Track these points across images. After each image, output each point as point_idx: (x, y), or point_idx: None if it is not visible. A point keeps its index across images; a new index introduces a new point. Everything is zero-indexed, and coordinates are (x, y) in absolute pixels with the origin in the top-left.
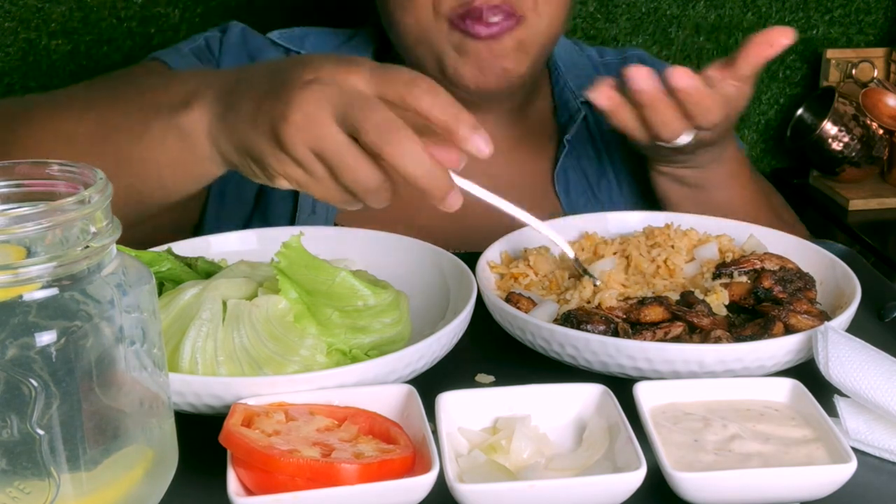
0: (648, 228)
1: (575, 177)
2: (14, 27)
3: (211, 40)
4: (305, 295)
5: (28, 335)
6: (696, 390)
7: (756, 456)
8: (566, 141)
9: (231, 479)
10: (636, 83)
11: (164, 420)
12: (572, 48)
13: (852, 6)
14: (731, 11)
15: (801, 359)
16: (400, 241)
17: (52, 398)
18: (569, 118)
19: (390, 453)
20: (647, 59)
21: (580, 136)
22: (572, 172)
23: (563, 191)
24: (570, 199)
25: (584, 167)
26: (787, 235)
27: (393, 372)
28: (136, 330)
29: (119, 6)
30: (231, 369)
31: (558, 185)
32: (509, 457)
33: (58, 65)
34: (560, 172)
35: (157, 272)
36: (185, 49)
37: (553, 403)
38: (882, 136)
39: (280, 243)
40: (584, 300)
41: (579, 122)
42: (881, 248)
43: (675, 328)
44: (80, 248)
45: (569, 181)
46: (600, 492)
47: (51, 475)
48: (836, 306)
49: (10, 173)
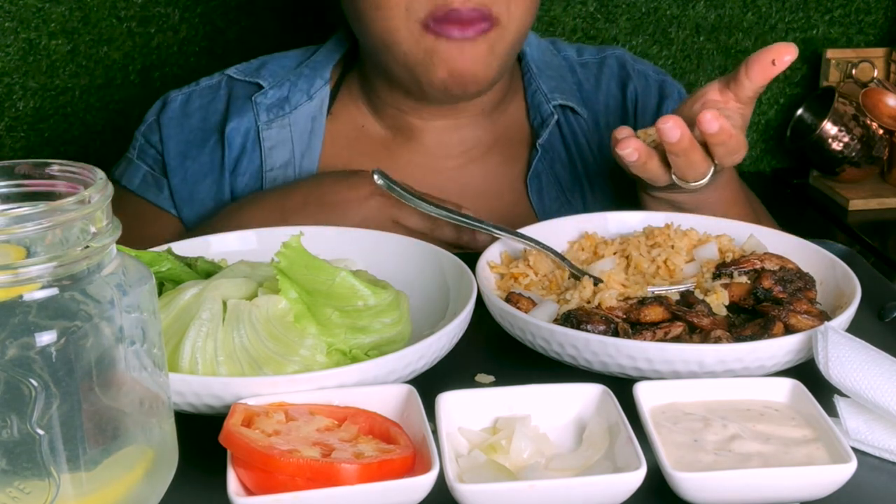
0: (648, 228)
1: (548, 182)
2: (14, 27)
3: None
4: (305, 295)
5: (28, 335)
6: (696, 390)
7: (756, 456)
8: (539, 146)
9: (231, 479)
10: (669, 136)
11: (164, 420)
12: (547, 49)
13: (852, 6)
14: (731, 11)
15: (801, 359)
16: (400, 241)
17: (52, 398)
18: (541, 122)
19: (390, 453)
20: (627, 59)
21: (553, 140)
22: (545, 177)
23: (536, 196)
24: (543, 204)
25: (557, 172)
26: (787, 235)
27: (393, 372)
28: (136, 330)
29: (119, 6)
30: (231, 369)
31: (531, 190)
32: (509, 457)
33: (58, 65)
34: (533, 177)
35: (157, 272)
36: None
37: (553, 403)
38: (882, 136)
39: (280, 243)
40: (584, 300)
41: (552, 127)
42: (881, 248)
43: (675, 328)
44: (80, 248)
45: (542, 186)
46: (600, 492)
47: (51, 475)
48: (836, 306)
49: (10, 173)
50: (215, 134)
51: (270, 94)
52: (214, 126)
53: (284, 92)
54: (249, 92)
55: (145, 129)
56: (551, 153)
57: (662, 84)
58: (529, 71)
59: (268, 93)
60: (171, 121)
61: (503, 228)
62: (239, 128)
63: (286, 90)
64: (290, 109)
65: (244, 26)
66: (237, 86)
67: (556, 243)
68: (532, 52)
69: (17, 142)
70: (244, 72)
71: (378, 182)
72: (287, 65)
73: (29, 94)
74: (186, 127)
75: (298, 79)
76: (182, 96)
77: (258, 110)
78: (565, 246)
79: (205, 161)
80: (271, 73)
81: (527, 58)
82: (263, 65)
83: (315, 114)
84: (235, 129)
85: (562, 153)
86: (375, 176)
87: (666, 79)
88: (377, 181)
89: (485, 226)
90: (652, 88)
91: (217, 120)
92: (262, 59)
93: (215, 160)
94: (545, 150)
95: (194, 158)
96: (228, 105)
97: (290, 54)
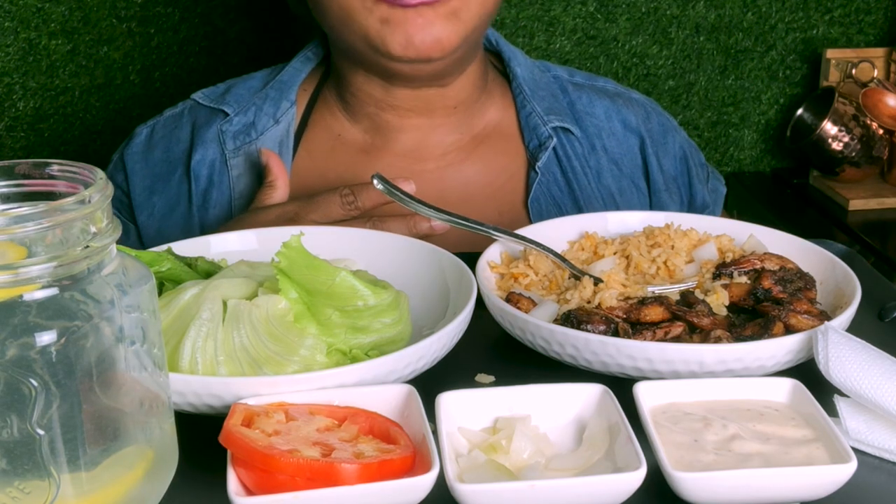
0: (648, 228)
1: (547, 205)
2: (14, 27)
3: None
4: (305, 295)
5: (28, 335)
6: (696, 390)
7: (756, 456)
8: (538, 169)
9: (231, 479)
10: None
11: (164, 420)
12: (534, 68)
13: (852, 6)
14: (731, 11)
15: (801, 359)
16: (400, 241)
17: (52, 398)
18: (539, 145)
19: (390, 453)
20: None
21: (549, 162)
22: (544, 200)
23: (537, 219)
24: None
25: (555, 194)
26: (787, 235)
27: (393, 372)
28: (136, 330)
29: (119, 6)
30: (231, 369)
31: (532, 213)
32: (509, 457)
33: (58, 65)
34: (534, 201)
35: (157, 272)
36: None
37: (553, 403)
38: (882, 136)
39: (280, 243)
40: (584, 300)
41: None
42: (881, 248)
43: (675, 328)
44: (80, 248)
45: (541, 209)
46: (600, 492)
47: (51, 475)
48: (836, 306)
49: (10, 173)
50: (181, 166)
51: (236, 121)
52: (179, 157)
53: (250, 117)
54: (214, 119)
55: (110, 169)
56: (548, 176)
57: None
58: (522, 92)
59: (233, 120)
60: (136, 155)
61: (504, 231)
62: (204, 160)
63: (252, 115)
64: (256, 136)
65: (244, 26)
66: (202, 113)
67: (556, 243)
68: (523, 73)
69: (17, 142)
70: (210, 96)
71: (378, 187)
72: (254, 86)
73: (29, 94)
74: (151, 160)
75: (264, 102)
76: (147, 129)
77: (224, 139)
78: (565, 246)
79: (172, 195)
80: (236, 99)
81: (518, 79)
82: (229, 89)
83: (282, 137)
84: (201, 161)
85: (557, 174)
86: (375, 181)
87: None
88: (377, 186)
89: (486, 229)
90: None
91: (182, 150)
92: (228, 82)
93: (182, 193)
94: (543, 173)
95: (161, 193)
96: (193, 134)
97: (257, 75)
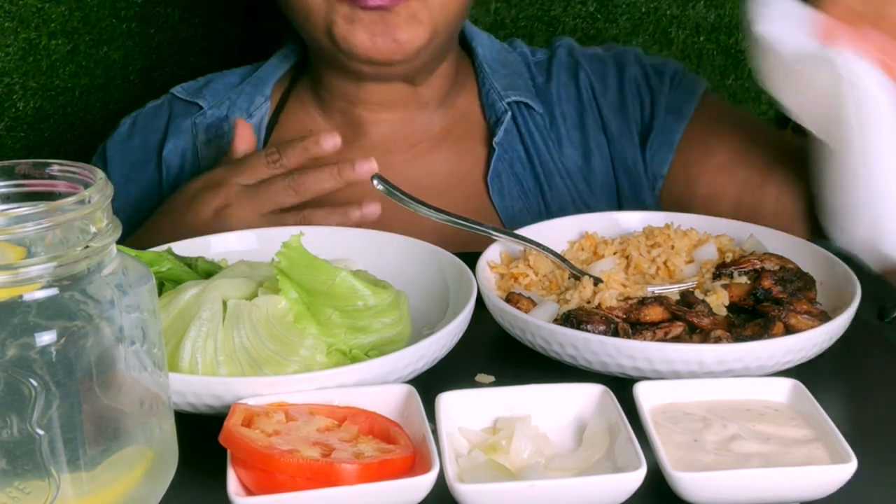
0: (648, 228)
1: (509, 181)
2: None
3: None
4: (305, 295)
5: (28, 335)
6: (696, 390)
7: (756, 456)
8: (496, 144)
9: (231, 479)
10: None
11: (164, 420)
12: (500, 47)
13: None
14: (731, 11)
15: (801, 359)
16: (400, 241)
17: (52, 398)
18: (496, 120)
19: (390, 453)
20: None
21: (511, 139)
22: (506, 177)
23: (498, 196)
24: (504, 203)
25: (517, 171)
26: (787, 235)
27: (393, 372)
28: (136, 330)
29: (119, 6)
30: (231, 369)
31: (492, 191)
32: (509, 457)
33: (58, 65)
34: (493, 178)
35: (157, 272)
36: None
37: (553, 403)
38: None
39: (280, 243)
40: (584, 300)
41: (507, 124)
42: None
43: (675, 328)
44: (80, 248)
45: (503, 186)
46: (600, 492)
47: (51, 475)
48: (836, 306)
49: (10, 173)
50: (155, 156)
51: (209, 114)
52: (154, 145)
53: (224, 111)
54: (189, 112)
55: (94, 158)
56: (510, 153)
57: (618, 57)
58: (482, 70)
59: (206, 113)
60: (116, 144)
61: (504, 231)
62: (176, 150)
63: (225, 109)
64: (228, 128)
65: (244, 26)
66: (178, 105)
67: (556, 243)
68: (484, 52)
69: (17, 142)
70: (188, 90)
71: (378, 187)
72: (231, 82)
73: (29, 94)
74: (129, 148)
75: (238, 97)
76: (130, 119)
77: (197, 131)
78: (565, 246)
79: (145, 184)
80: (213, 93)
81: (479, 57)
82: (208, 83)
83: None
84: (172, 150)
85: (520, 151)
86: (375, 181)
87: (619, 51)
88: (377, 186)
89: (486, 229)
90: (609, 67)
91: (157, 139)
92: (208, 77)
93: (154, 182)
94: (504, 149)
95: (135, 180)
96: (168, 125)
97: (237, 71)
